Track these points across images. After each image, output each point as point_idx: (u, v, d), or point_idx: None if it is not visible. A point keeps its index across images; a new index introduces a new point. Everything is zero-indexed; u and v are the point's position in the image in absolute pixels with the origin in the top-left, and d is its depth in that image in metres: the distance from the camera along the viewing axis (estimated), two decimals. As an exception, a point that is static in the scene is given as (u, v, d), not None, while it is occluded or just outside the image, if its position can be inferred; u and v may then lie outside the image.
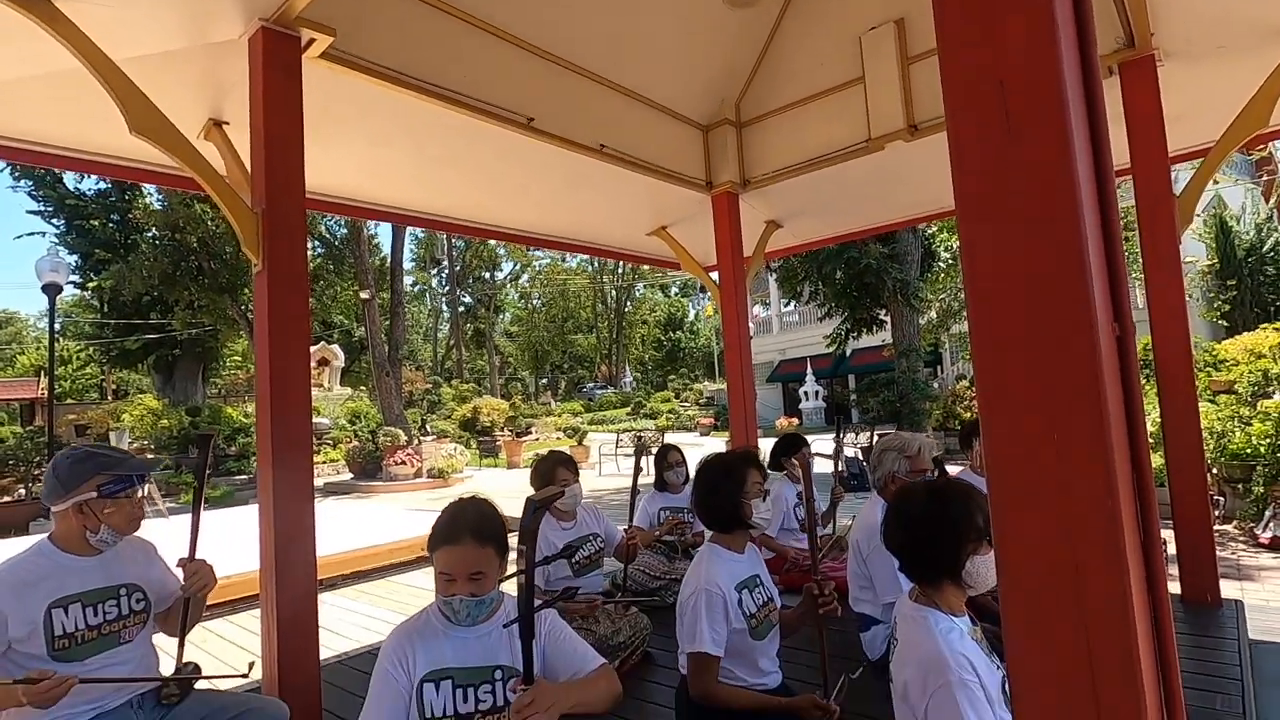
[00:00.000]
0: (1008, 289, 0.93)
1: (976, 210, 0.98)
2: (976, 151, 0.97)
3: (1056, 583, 0.90)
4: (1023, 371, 0.92)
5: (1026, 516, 0.92)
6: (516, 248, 42.04)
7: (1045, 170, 0.91)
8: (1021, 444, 0.92)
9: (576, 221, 5.60)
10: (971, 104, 0.96)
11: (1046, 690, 0.91)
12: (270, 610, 2.55)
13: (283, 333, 2.63)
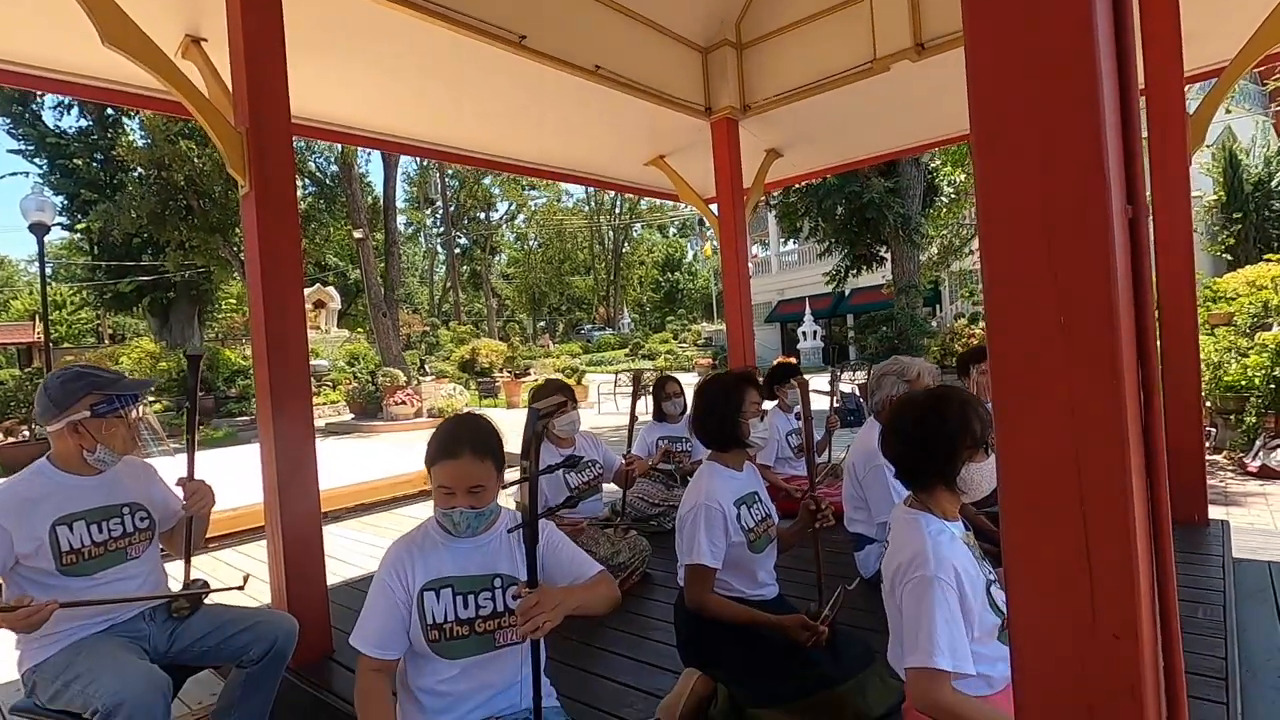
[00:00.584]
0: (1021, 161, 0.90)
1: (991, 86, 0.93)
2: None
3: (1058, 469, 0.89)
4: (1033, 251, 0.89)
5: (1030, 402, 0.91)
6: (512, 186, 41.26)
7: (1066, 39, 0.86)
8: (1028, 326, 0.90)
9: (572, 151, 5.45)
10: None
11: (1044, 577, 0.92)
12: (276, 532, 2.60)
13: (274, 255, 2.59)
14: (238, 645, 2.10)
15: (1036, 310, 0.92)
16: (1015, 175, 0.93)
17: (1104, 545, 0.88)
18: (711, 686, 1.99)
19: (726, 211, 5.13)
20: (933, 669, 1.38)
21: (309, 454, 2.68)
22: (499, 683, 1.68)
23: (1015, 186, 0.94)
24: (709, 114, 4.95)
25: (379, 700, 1.58)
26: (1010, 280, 0.94)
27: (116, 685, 1.73)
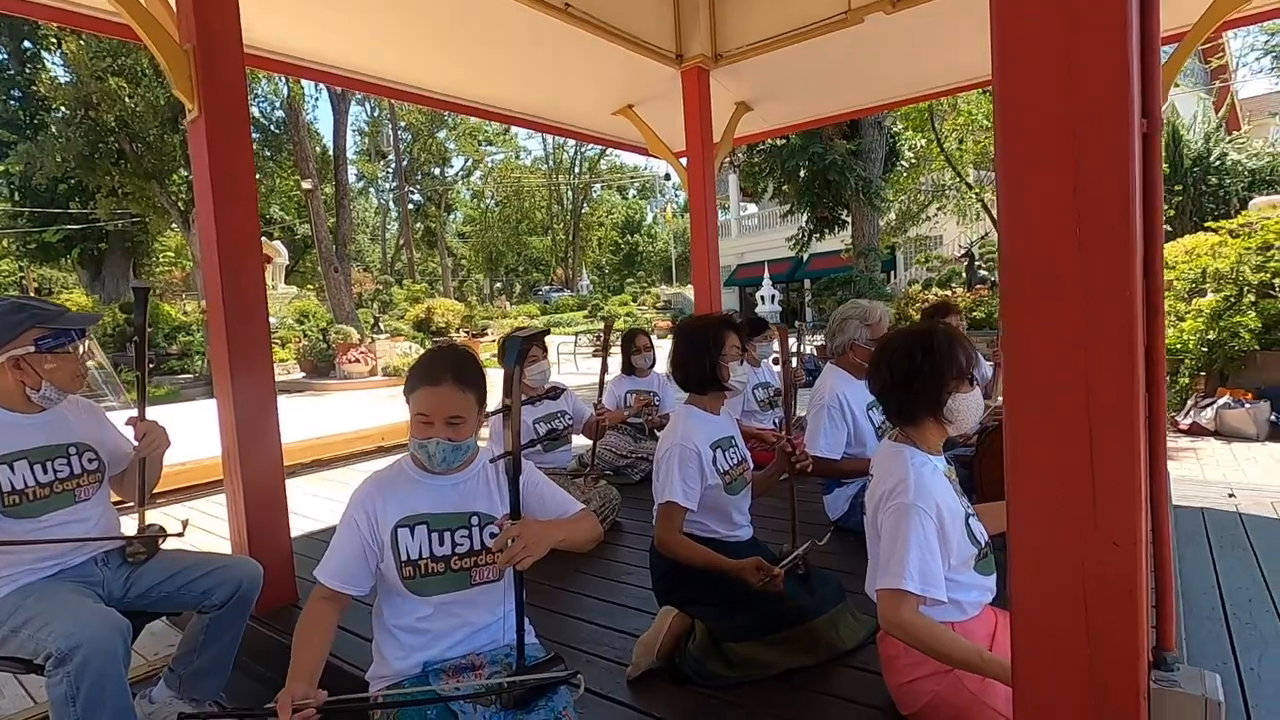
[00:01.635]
0: (1043, 73, 0.88)
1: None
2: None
3: (1068, 381, 0.90)
4: (1053, 162, 0.88)
5: (1043, 313, 0.90)
6: (468, 141, 40.01)
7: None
8: (1043, 233, 0.89)
9: (539, 96, 5.26)
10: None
11: (1048, 487, 0.93)
12: (236, 482, 2.50)
13: (228, 187, 2.43)
14: (200, 590, 2.03)
15: (1054, 223, 0.91)
16: (1037, 86, 0.92)
17: (1108, 457, 0.89)
18: (688, 623, 2.01)
19: (696, 165, 5.05)
20: (901, 590, 1.41)
21: (270, 398, 2.58)
22: (478, 620, 1.66)
23: (1037, 97, 0.92)
24: (680, 62, 4.83)
25: (317, 627, 1.52)
26: (1028, 192, 0.93)
27: (72, 627, 1.65)
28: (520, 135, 45.42)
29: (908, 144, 13.09)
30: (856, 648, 2.01)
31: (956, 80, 5.47)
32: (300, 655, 1.45)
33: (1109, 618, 0.90)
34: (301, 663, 1.43)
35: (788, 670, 1.91)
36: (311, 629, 1.52)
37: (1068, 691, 0.93)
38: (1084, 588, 0.91)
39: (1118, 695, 0.90)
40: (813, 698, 1.82)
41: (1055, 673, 0.94)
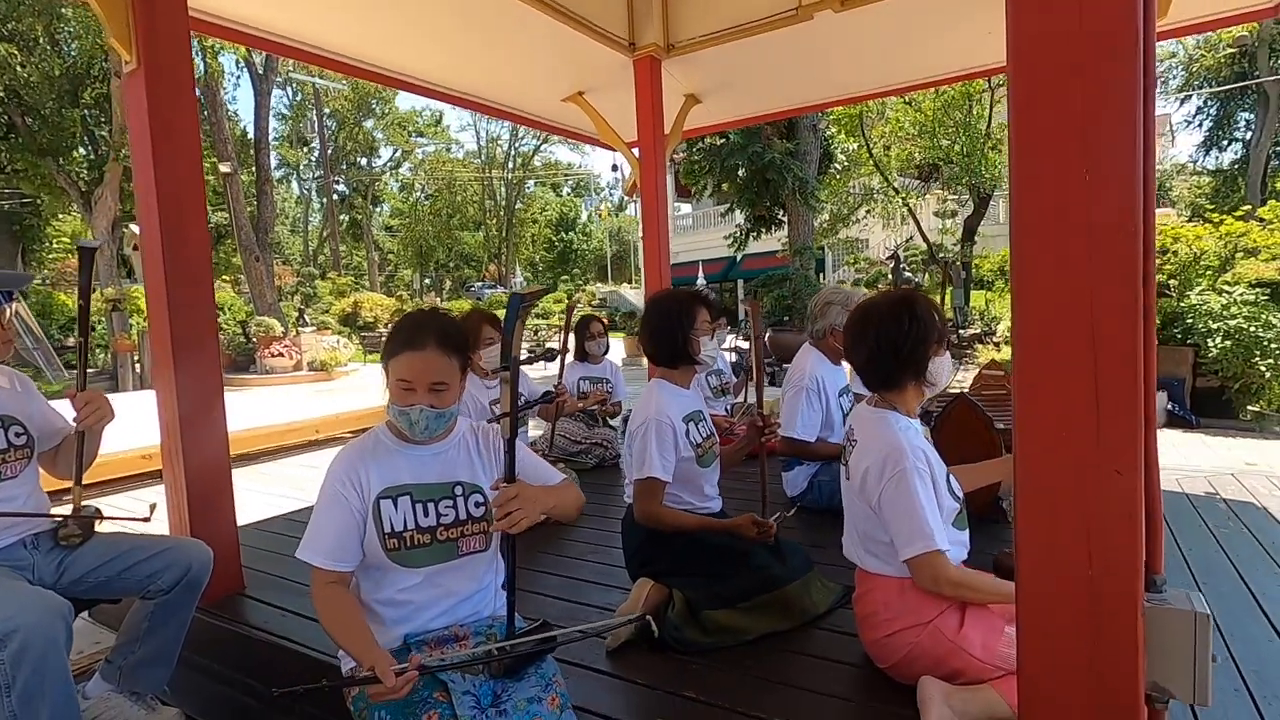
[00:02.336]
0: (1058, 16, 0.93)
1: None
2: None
3: (1074, 315, 0.95)
4: (1062, 106, 0.93)
5: (1052, 247, 0.96)
6: (397, 131, 38.78)
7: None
8: (1055, 180, 0.94)
9: (489, 78, 5.15)
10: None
11: (1051, 419, 0.98)
12: (177, 467, 2.34)
13: (170, 147, 2.27)
14: (143, 574, 1.89)
15: (1064, 163, 0.96)
16: (1052, 25, 0.96)
17: (1112, 388, 0.95)
18: (664, 594, 2.01)
19: (648, 155, 5.06)
20: (934, 551, 1.47)
21: (217, 378, 2.43)
22: (462, 590, 1.62)
23: (1049, 31, 0.96)
24: (633, 50, 4.83)
25: (346, 606, 1.47)
26: (1039, 132, 0.97)
27: (8, 610, 1.50)
28: (453, 127, 44.38)
29: (840, 148, 13.57)
30: (827, 611, 2.07)
31: (901, 81, 5.71)
32: (354, 633, 1.40)
33: (1110, 542, 0.96)
34: (363, 637, 1.38)
35: (763, 635, 1.95)
36: (342, 610, 1.45)
37: (1071, 612, 0.98)
38: (1087, 513, 0.97)
39: (1117, 613, 0.96)
40: (789, 658, 1.86)
41: (1059, 594, 0.99)
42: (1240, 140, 21.28)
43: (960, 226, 14.79)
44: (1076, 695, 0.99)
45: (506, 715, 1.38)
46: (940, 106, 13.00)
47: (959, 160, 13.12)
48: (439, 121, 43.51)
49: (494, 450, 1.68)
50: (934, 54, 5.07)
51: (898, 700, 1.61)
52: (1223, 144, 21.89)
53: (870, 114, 13.99)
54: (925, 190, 16.47)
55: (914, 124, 13.69)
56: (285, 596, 2.43)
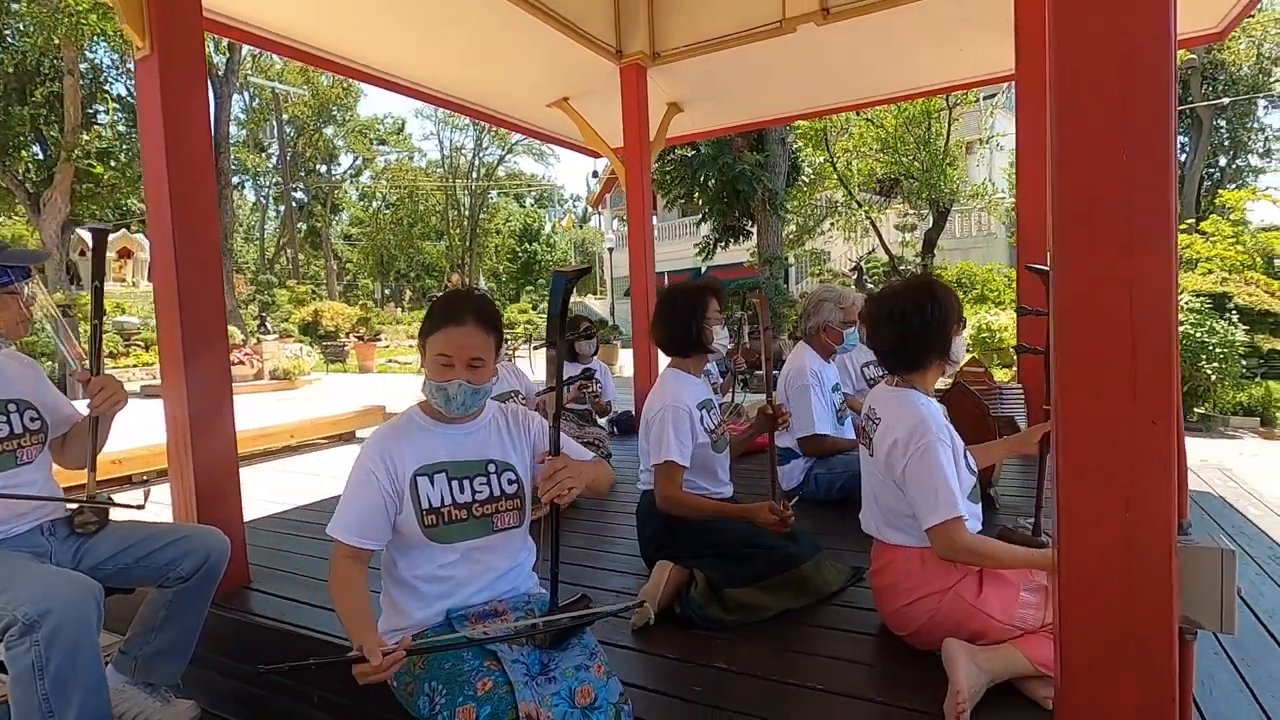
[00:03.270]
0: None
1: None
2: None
3: (1113, 284, 1.05)
4: (1105, 88, 1.03)
5: (1092, 219, 1.05)
6: (358, 139, 38.23)
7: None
8: (1094, 158, 1.04)
9: (475, 81, 5.18)
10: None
11: (1091, 374, 1.08)
12: (186, 462, 2.31)
13: (181, 135, 2.25)
14: (161, 562, 1.86)
15: (1104, 140, 1.06)
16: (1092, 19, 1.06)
17: (1148, 346, 1.05)
18: (685, 574, 2.07)
19: (634, 162, 5.15)
20: (954, 519, 1.56)
21: (225, 375, 2.42)
22: (500, 566, 1.64)
23: (1093, 30, 1.06)
24: (619, 57, 4.93)
25: (354, 582, 1.49)
26: (1081, 115, 1.07)
27: (40, 592, 1.47)
28: (416, 135, 43.94)
29: (807, 161, 13.93)
30: (840, 589, 2.15)
31: (875, 94, 5.93)
32: (356, 609, 1.42)
33: (1145, 488, 1.05)
34: (361, 614, 1.40)
35: (782, 612, 2.01)
36: (350, 586, 1.47)
37: (1109, 554, 1.08)
38: (1124, 461, 1.06)
39: (1153, 554, 1.05)
40: (808, 631, 1.94)
41: (1097, 539, 1.08)
42: (1176, 161, 22.47)
43: (920, 239, 15.28)
44: (1115, 632, 1.08)
45: (556, 682, 1.41)
46: (901, 123, 13.46)
47: (919, 175, 13.58)
48: (401, 130, 43.02)
49: (524, 430, 1.71)
50: (909, 69, 5.30)
51: (916, 664, 1.69)
52: (1160, 165, 23.10)
53: (834, 128, 14.39)
54: (886, 204, 16.97)
55: (876, 139, 14.14)
56: (293, 588, 2.41)
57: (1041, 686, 1.49)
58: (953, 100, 13.63)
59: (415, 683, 1.46)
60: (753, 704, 1.58)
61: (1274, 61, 20.42)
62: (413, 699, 1.46)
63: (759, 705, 1.58)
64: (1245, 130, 20.81)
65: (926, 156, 13.45)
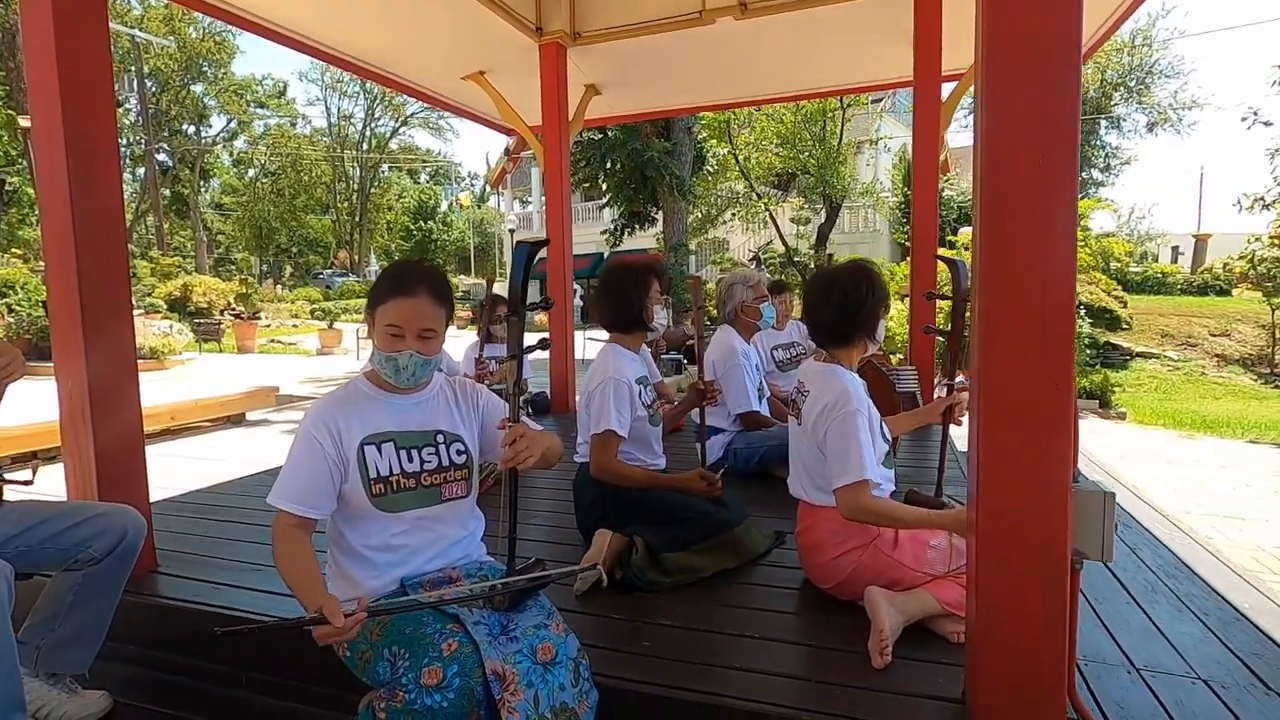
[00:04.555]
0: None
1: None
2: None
3: (1034, 265, 1.22)
4: (1027, 96, 1.20)
5: (1017, 213, 1.22)
6: (233, 100, 35.18)
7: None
8: (1016, 157, 1.21)
9: (385, 45, 4.95)
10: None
11: (1013, 336, 1.25)
12: (85, 438, 2.12)
13: (79, 76, 2.05)
14: (69, 543, 1.72)
15: (1023, 141, 1.22)
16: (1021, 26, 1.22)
17: (1055, 321, 1.23)
18: (626, 540, 2.15)
19: (553, 141, 5.13)
20: (861, 481, 1.72)
21: (129, 341, 2.25)
22: (451, 534, 1.66)
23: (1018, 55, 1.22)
24: (539, 34, 4.88)
25: (300, 550, 1.47)
26: (1008, 125, 1.23)
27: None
28: (300, 100, 40.94)
29: (711, 151, 14.30)
30: (766, 551, 2.31)
31: (787, 90, 6.19)
32: (307, 576, 1.41)
33: (1048, 443, 1.24)
34: (314, 580, 1.40)
35: (715, 573, 2.15)
36: (299, 553, 1.45)
37: (1020, 496, 1.26)
38: (1033, 419, 1.24)
39: (1055, 496, 1.25)
40: (740, 588, 2.09)
41: (1012, 481, 1.27)
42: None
43: (814, 233, 16.10)
44: (1022, 560, 1.27)
45: (518, 641, 1.46)
46: (799, 120, 14.09)
47: (815, 171, 14.29)
48: (283, 93, 39.99)
49: (473, 403, 1.73)
50: (816, 69, 5.59)
51: (838, 613, 1.89)
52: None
53: (737, 121, 14.84)
54: (784, 198, 17.73)
55: (776, 135, 14.72)
56: (206, 570, 2.29)
57: (949, 623, 1.70)
58: (846, 101, 14.41)
59: (372, 649, 1.46)
60: (698, 653, 1.70)
61: (1114, 86, 23.01)
62: (369, 665, 1.46)
63: (703, 654, 1.69)
64: (1089, 147, 23.34)
65: (822, 153, 14.17)
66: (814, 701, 1.46)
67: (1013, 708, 1.31)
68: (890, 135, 18.84)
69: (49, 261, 2.13)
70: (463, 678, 1.34)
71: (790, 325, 4.37)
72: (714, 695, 1.51)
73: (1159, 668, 1.88)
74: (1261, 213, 6.75)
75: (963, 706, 1.43)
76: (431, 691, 1.33)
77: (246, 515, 2.86)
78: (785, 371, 4.17)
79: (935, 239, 4.47)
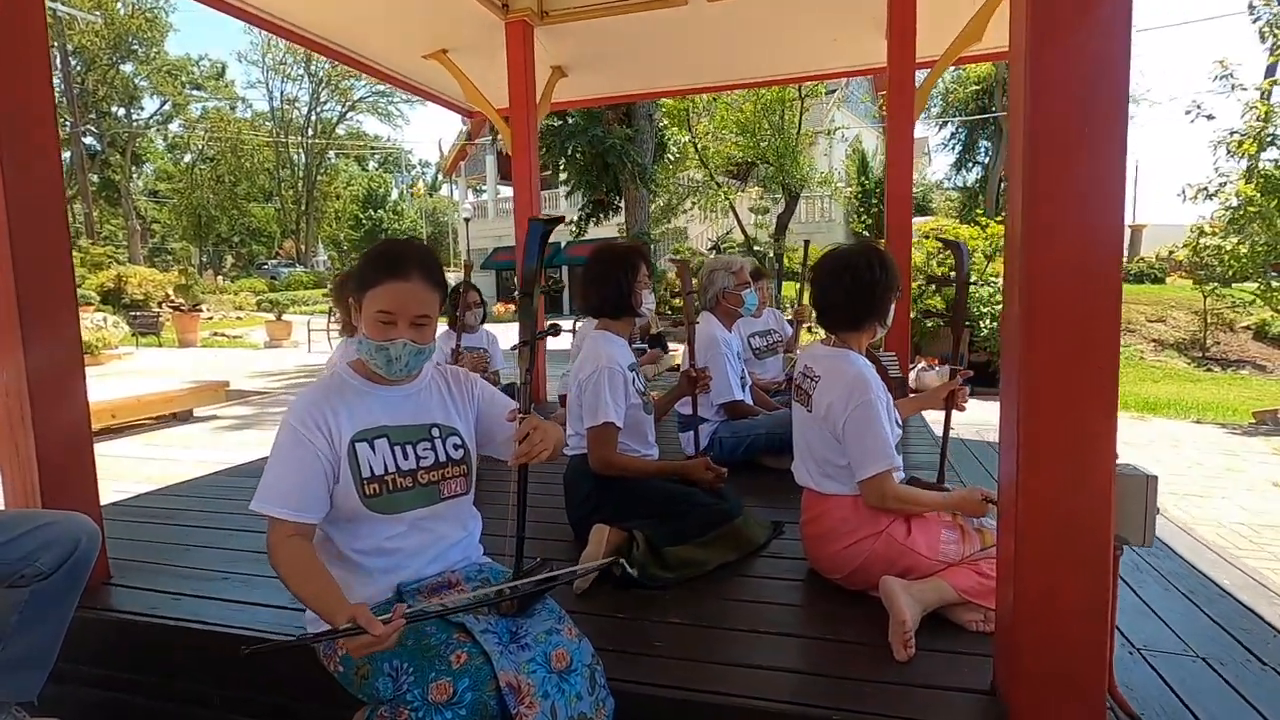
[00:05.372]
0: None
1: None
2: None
3: (1076, 246, 1.17)
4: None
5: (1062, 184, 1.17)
6: (166, 80, 33.43)
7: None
8: (1060, 147, 1.15)
9: (335, 15, 4.65)
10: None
11: (1050, 321, 1.20)
12: (24, 440, 1.92)
13: (11, 38, 1.83)
14: (13, 557, 1.54)
15: (1069, 109, 1.17)
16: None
17: (1099, 299, 1.18)
18: (623, 536, 2.06)
19: (520, 124, 4.96)
20: (887, 470, 1.67)
21: (73, 333, 2.04)
22: (450, 535, 1.55)
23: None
24: (505, 11, 4.68)
25: (312, 561, 1.34)
26: (1051, 112, 1.17)
27: None
28: (239, 83, 39.21)
29: (672, 140, 14.22)
30: (765, 543, 2.25)
31: (755, 75, 6.12)
32: (325, 587, 1.27)
33: (1094, 420, 1.20)
34: (334, 591, 1.26)
35: (717, 566, 2.08)
36: (309, 565, 1.32)
37: (1063, 476, 1.21)
38: (1076, 398, 1.20)
39: (1097, 478, 1.20)
40: (746, 581, 2.02)
41: (1053, 463, 1.22)
42: (981, 163, 25.60)
43: (773, 222, 16.20)
44: (1061, 544, 1.23)
45: (529, 649, 1.35)
46: (759, 109, 14.11)
47: (774, 160, 14.35)
48: (222, 74, 38.18)
49: (467, 393, 1.61)
50: (786, 54, 5.54)
51: (844, 601, 1.85)
52: (968, 165, 26.22)
53: (697, 109, 14.79)
54: (743, 188, 17.78)
55: (735, 123, 14.72)
56: (164, 580, 2.11)
57: (966, 612, 1.67)
58: (805, 90, 14.51)
59: (369, 663, 1.33)
60: (713, 652, 1.62)
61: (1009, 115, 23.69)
62: (367, 681, 1.34)
63: (719, 652, 1.62)
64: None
65: (780, 142, 14.23)
66: (846, 700, 1.40)
67: (1050, 698, 1.27)
68: (845, 126, 19.09)
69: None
70: (475, 692, 1.24)
71: (767, 313, 4.32)
72: (737, 697, 1.44)
73: (1157, 647, 1.90)
74: (1204, 203, 7.12)
75: (993, 698, 1.39)
76: (441, 708, 1.21)
77: (204, 519, 2.66)
78: (762, 359, 4.13)
79: (910, 226, 4.48)
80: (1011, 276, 1.25)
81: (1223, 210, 7.45)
